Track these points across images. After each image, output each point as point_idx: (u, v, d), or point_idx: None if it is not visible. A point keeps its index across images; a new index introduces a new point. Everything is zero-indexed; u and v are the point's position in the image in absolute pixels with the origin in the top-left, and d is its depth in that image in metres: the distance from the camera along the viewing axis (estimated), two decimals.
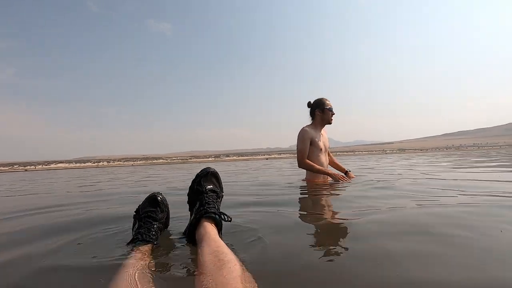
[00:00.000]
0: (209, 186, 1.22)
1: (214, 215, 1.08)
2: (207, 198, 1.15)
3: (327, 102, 2.89)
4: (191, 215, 1.19)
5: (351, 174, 3.07)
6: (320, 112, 2.89)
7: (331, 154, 3.17)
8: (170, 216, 1.36)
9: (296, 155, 2.94)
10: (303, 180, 3.10)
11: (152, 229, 1.14)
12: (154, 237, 1.11)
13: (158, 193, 1.27)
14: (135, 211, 1.24)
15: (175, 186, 3.53)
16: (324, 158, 2.95)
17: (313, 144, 2.86)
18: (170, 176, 5.82)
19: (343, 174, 2.93)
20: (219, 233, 1.07)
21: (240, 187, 3.05)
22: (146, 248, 1.04)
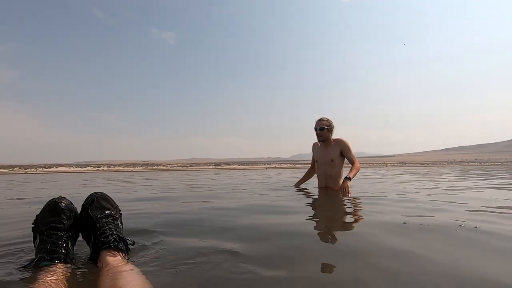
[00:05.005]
0: (101, 214, 1.04)
1: (111, 244, 0.95)
2: (101, 227, 0.99)
3: (315, 122, 3.33)
4: (90, 249, 1.03)
5: (344, 183, 3.06)
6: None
7: (353, 165, 3.22)
8: None
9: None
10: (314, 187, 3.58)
11: (60, 242, 0.91)
12: (64, 253, 0.90)
13: (61, 198, 1.02)
14: (32, 223, 0.99)
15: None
16: (320, 169, 3.41)
17: (314, 156, 3.53)
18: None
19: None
20: (125, 256, 0.97)
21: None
22: (57, 269, 0.83)
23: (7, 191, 4.62)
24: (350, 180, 3.07)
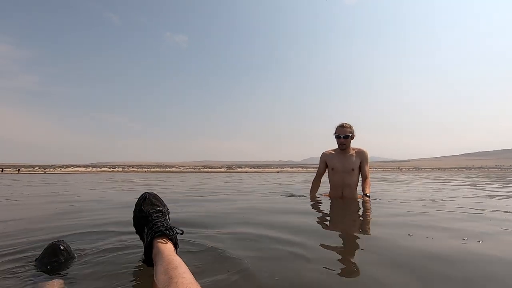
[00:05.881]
0: (151, 209, 1.18)
1: (164, 231, 1.06)
2: (153, 220, 1.12)
3: (336, 129, 3.18)
4: (144, 242, 1.14)
5: (365, 198, 2.91)
6: (335, 138, 3.19)
7: (366, 179, 3.07)
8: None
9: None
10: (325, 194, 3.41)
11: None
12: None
13: (60, 240, 1.14)
14: (33, 261, 1.10)
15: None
16: (337, 177, 3.22)
17: (328, 164, 3.31)
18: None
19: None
20: (175, 247, 1.05)
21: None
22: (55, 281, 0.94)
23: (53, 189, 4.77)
24: (369, 197, 2.91)
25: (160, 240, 1.02)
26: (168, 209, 1.25)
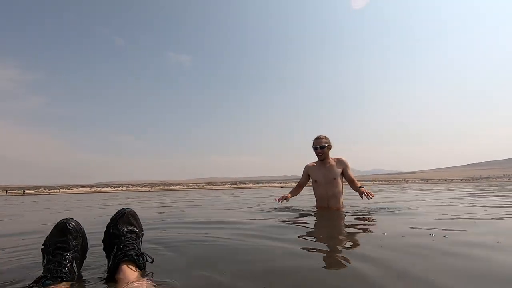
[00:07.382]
0: (127, 228, 1.11)
1: (134, 257, 1.00)
2: (125, 241, 1.04)
3: (312, 141, 3.33)
4: (108, 262, 1.06)
5: (362, 189, 2.94)
6: (313, 150, 3.34)
7: (353, 180, 3.15)
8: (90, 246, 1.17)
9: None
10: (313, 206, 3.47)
11: (65, 262, 0.95)
12: (67, 272, 0.93)
13: (69, 219, 1.07)
14: (42, 245, 1.03)
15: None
16: (321, 189, 3.28)
17: (311, 176, 3.40)
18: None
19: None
20: (142, 271, 1.01)
21: None
22: (58, 287, 0.88)
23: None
24: (363, 188, 2.95)
25: (128, 265, 0.98)
26: (143, 232, 1.20)
